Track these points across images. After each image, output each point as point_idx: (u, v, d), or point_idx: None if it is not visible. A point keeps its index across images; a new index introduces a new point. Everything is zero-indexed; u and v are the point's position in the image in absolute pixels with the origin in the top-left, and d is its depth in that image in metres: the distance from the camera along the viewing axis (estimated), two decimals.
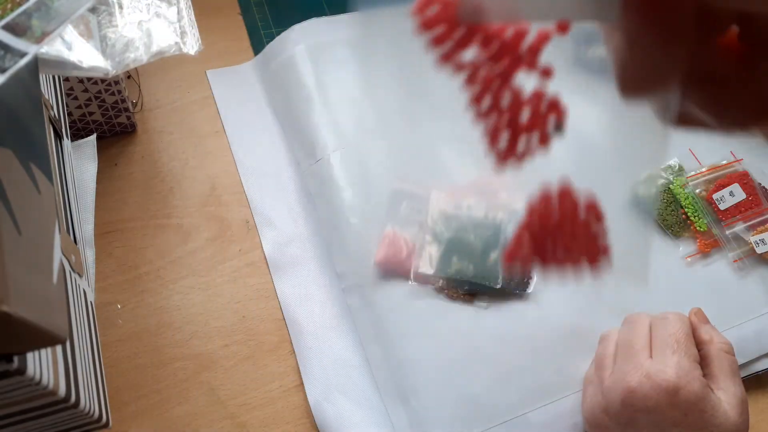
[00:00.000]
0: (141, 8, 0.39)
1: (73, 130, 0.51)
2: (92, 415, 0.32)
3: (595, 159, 0.49)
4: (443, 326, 0.45)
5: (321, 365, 0.44)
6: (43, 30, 0.30)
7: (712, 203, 0.51)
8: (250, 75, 0.60)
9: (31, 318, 0.21)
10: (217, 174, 0.53)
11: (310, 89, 0.56)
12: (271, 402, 0.43)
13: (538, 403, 0.43)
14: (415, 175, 0.51)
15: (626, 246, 0.50)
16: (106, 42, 0.36)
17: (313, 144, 0.53)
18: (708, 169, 0.53)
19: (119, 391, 0.42)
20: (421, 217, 0.49)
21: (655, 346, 0.39)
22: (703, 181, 0.52)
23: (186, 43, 0.40)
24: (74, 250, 0.36)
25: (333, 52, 0.59)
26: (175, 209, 0.51)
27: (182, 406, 0.42)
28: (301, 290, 0.48)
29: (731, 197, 0.51)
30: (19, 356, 0.24)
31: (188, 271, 0.48)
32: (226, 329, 0.46)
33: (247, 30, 0.64)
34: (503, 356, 0.44)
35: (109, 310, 0.45)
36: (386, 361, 0.44)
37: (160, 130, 0.55)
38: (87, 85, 0.48)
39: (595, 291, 0.48)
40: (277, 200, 0.52)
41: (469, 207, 0.49)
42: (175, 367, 0.44)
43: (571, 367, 0.44)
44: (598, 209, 0.26)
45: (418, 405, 0.42)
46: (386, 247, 0.47)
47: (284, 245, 0.50)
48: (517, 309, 0.46)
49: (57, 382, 0.27)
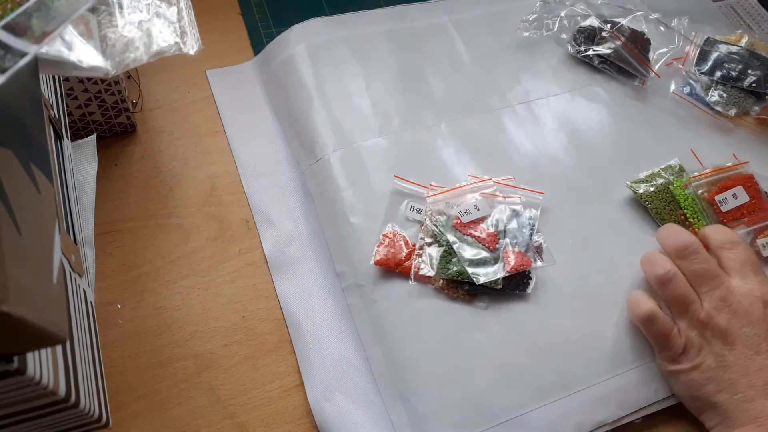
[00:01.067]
0: (141, 8, 0.39)
1: (73, 130, 0.51)
2: (92, 415, 0.32)
3: (595, 158, 0.49)
4: (443, 326, 0.45)
5: (321, 365, 0.44)
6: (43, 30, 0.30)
7: (714, 205, 0.51)
8: (250, 75, 0.60)
9: (31, 318, 0.21)
10: (217, 174, 0.53)
11: (310, 89, 0.56)
12: (271, 402, 0.43)
13: (539, 402, 0.43)
14: (415, 174, 0.51)
15: (625, 245, 0.50)
16: (106, 42, 0.36)
17: (313, 144, 0.53)
18: (711, 170, 0.53)
19: (119, 391, 0.42)
20: (421, 217, 0.49)
21: (733, 268, 0.44)
22: (706, 182, 0.52)
23: (186, 43, 0.40)
24: (74, 250, 0.36)
25: (333, 51, 0.59)
26: (175, 209, 0.51)
27: (182, 406, 0.42)
28: (301, 290, 0.48)
29: (734, 200, 0.51)
30: (19, 356, 0.24)
31: (188, 271, 0.48)
32: (226, 329, 0.46)
33: (247, 30, 0.64)
34: (503, 356, 0.44)
35: (109, 310, 0.45)
36: (386, 360, 0.44)
37: (160, 130, 0.55)
38: (87, 85, 0.48)
39: (594, 291, 0.48)
40: (276, 200, 0.52)
41: (468, 207, 0.49)
42: (175, 367, 0.44)
43: (572, 367, 0.44)
44: None
45: (418, 405, 0.42)
46: (386, 246, 0.47)
47: (284, 245, 0.50)
48: (517, 309, 0.46)
49: (57, 382, 0.27)
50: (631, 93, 0.61)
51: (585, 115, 0.59)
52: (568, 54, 0.63)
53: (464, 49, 0.62)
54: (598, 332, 0.46)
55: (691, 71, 0.62)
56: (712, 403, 0.41)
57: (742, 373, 0.41)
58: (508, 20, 0.65)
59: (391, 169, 0.51)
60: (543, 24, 0.64)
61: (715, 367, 0.41)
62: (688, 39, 0.65)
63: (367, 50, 0.60)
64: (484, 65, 0.61)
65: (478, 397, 0.43)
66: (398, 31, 0.63)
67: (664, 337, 0.43)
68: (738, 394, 0.40)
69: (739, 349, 0.41)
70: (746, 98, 0.60)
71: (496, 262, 0.46)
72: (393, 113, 0.56)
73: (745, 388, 0.40)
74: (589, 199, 0.53)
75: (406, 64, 0.60)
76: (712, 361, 0.41)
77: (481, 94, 0.59)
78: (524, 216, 0.49)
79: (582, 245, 0.50)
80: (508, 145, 0.55)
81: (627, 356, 0.45)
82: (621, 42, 0.62)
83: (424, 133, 0.55)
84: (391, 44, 0.61)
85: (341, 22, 0.62)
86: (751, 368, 0.41)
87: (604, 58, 0.62)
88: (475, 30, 0.64)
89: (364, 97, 0.56)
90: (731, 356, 0.41)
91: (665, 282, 0.44)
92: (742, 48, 0.62)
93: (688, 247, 0.44)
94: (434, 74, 0.60)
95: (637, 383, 0.44)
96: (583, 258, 0.49)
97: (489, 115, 0.57)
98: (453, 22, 0.64)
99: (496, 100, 0.59)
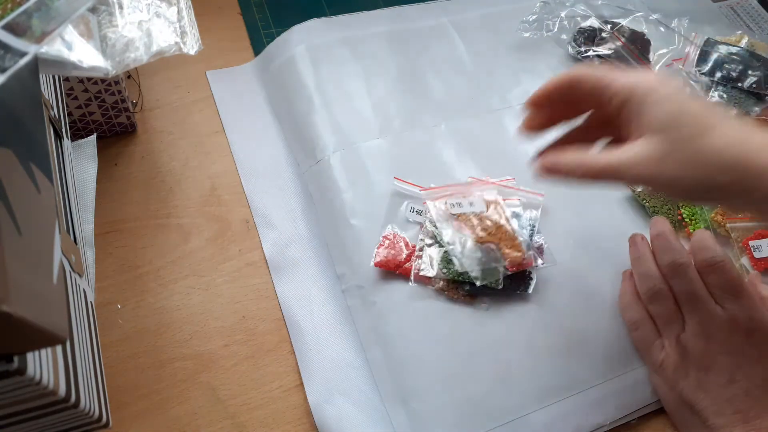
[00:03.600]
0: (141, 8, 0.39)
1: (73, 130, 0.51)
2: (92, 415, 0.32)
3: None
4: (444, 327, 0.45)
5: (321, 366, 0.44)
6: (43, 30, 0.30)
7: (747, 249, 0.50)
8: (250, 75, 0.60)
9: (31, 318, 0.21)
10: (217, 174, 0.53)
11: (310, 90, 0.56)
12: (271, 402, 0.43)
13: (540, 404, 0.43)
14: (415, 176, 0.51)
15: (625, 244, 0.50)
16: (106, 42, 0.36)
17: (313, 145, 0.53)
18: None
19: (119, 391, 0.42)
20: (421, 218, 0.49)
21: (715, 294, 0.43)
22: (742, 227, 0.51)
23: (186, 43, 0.40)
24: (74, 250, 0.36)
25: (333, 52, 0.59)
26: (175, 209, 0.51)
27: (182, 406, 0.42)
28: (301, 291, 0.48)
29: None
30: (19, 356, 0.24)
31: (188, 271, 0.48)
32: (226, 329, 0.46)
33: (247, 30, 0.64)
34: (504, 357, 0.44)
35: (109, 310, 0.45)
36: (387, 362, 0.44)
37: (160, 130, 0.55)
38: (87, 85, 0.48)
39: (594, 291, 0.48)
40: (277, 201, 0.52)
41: (470, 204, 0.49)
42: (175, 367, 0.44)
43: (572, 368, 0.44)
44: None
45: (418, 406, 0.42)
46: (386, 248, 0.47)
47: (284, 246, 0.50)
48: (517, 310, 0.46)
49: (57, 382, 0.27)
50: None
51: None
52: (568, 54, 0.63)
53: (464, 49, 0.62)
54: (598, 333, 0.46)
55: (691, 72, 0.62)
56: (685, 425, 0.42)
57: (712, 401, 0.40)
58: (508, 21, 0.65)
59: (391, 171, 0.51)
60: (543, 25, 0.64)
61: (689, 391, 0.41)
62: (689, 40, 0.65)
63: (367, 51, 0.60)
64: (484, 66, 0.61)
65: (478, 399, 0.42)
66: (398, 32, 0.63)
67: (646, 347, 0.44)
68: (708, 421, 0.39)
69: (713, 376, 0.40)
70: (746, 99, 0.60)
71: (496, 263, 0.46)
72: (393, 114, 0.56)
73: (714, 416, 0.39)
74: (589, 199, 0.53)
75: (406, 65, 0.60)
76: (687, 384, 0.41)
77: (481, 94, 0.59)
78: (524, 217, 0.49)
79: (582, 245, 0.50)
80: (508, 146, 0.55)
81: (627, 358, 0.45)
82: (621, 43, 0.62)
83: (424, 134, 0.55)
84: (391, 45, 0.61)
85: (341, 23, 0.62)
86: (722, 397, 0.40)
87: (605, 59, 0.62)
88: (475, 31, 0.64)
89: (364, 98, 0.56)
90: (705, 382, 0.40)
91: (651, 298, 0.44)
92: (742, 49, 0.62)
93: (679, 265, 0.43)
94: (434, 75, 0.60)
95: (635, 385, 0.44)
96: (583, 258, 0.49)
97: (489, 116, 0.57)
98: (453, 23, 0.64)
99: (497, 100, 0.59)
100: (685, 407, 0.41)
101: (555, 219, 0.51)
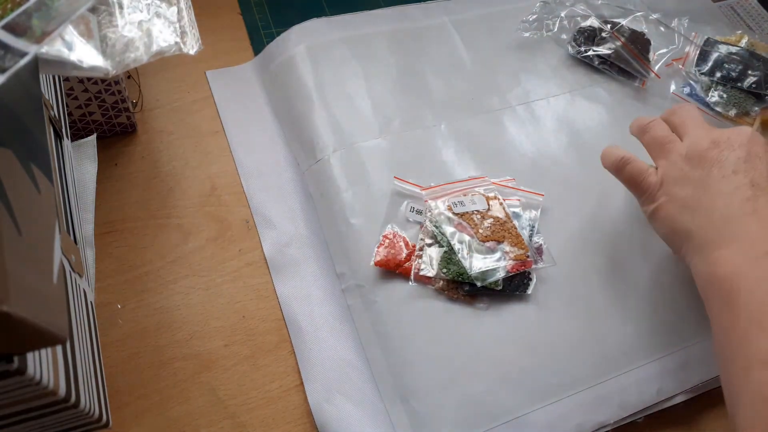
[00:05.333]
0: (141, 8, 0.39)
1: (73, 130, 0.51)
2: (92, 415, 0.32)
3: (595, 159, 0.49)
4: (444, 327, 0.45)
5: (321, 366, 0.44)
6: (43, 30, 0.30)
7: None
8: (250, 75, 0.60)
9: (31, 318, 0.21)
10: (217, 174, 0.53)
11: (310, 89, 0.56)
12: (271, 402, 0.43)
13: (539, 403, 0.43)
14: (415, 175, 0.51)
15: (625, 244, 0.50)
16: (106, 42, 0.36)
17: (313, 144, 0.53)
18: None
19: (119, 391, 0.42)
20: (420, 218, 0.49)
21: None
22: None
23: (186, 43, 0.40)
24: (74, 250, 0.36)
25: (333, 52, 0.59)
26: (175, 209, 0.51)
27: (182, 406, 0.42)
28: (301, 291, 0.48)
29: None
30: (19, 356, 0.24)
31: (188, 271, 0.48)
32: (226, 329, 0.46)
33: (247, 30, 0.64)
34: (504, 357, 0.44)
35: (109, 310, 0.45)
36: (387, 362, 0.44)
37: (160, 130, 0.55)
38: (87, 85, 0.48)
39: (594, 291, 0.48)
40: (277, 201, 0.52)
41: (471, 202, 0.49)
42: (175, 367, 0.44)
43: (572, 368, 0.44)
44: None
45: (418, 406, 0.42)
46: (386, 247, 0.47)
47: (284, 246, 0.50)
48: (517, 310, 0.46)
49: (57, 382, 0.27)
50: (631, 93, 0.61)
51: (585, 116, 0.59)
52: (568, 54, 0.63)
53: (464, 49, 0.62)
54: (598, 332, 0.46)
55: (691, 72, 0.62)
56: (689, 233, 0.41)
57: (719, 193, 0.40)
58: (508, 20, 0.65)
59: (391, 170, 0.51)
60: (543, 24, 0.64)
61: (692, 195, 0.41)
62: (688, 39, 0.65)
63: (367, 51, 0.60)
64: (484, 66, 0.61)
65: (478, 398, 0.43)
66: (398, 31, 0.63)
67: (638, 177, 0.45)
68: (716, 212, 0.39)
69: (717, 170, 0.41)
70: (746, 99, 0.60)
71: (497, 263, 0.46)
72: (393, 114, 0.56)
73: (723, 207, 0.39)
74: (589, 199, 0.53)
75: (406, 65, 0.60)
76: (690, 190, 0.41)
77: (481, 94, 0.59)
78: (524, 217, 0.49)
79: (582, 245, 0.50)
80: (508, 146, 0.55)
81: (627, 357, 0.45)
82: (621, 42, 0.62)
83: (424, 133, 0.55)
84: (391, 45, 0.61)
85: (341, 22, 0.62)
86: (728, 187, 0.40)
87: (604, 59, 0.62)
88: (475, 30, 0.64)
89: (364, 98, 0.56)
90: (709, 179, 0.41)
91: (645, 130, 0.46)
92: (742, 48, 0.62)
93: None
94: (434, 75, 0.60)
95: (639, 383, 0.44)
96: (583, 258, 0.49)
97: (489, 116, 0.57)
98: (453, 23, 0.64)
99: (496, 100, 0.59)
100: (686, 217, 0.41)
101: (555, 219, 0.51)
